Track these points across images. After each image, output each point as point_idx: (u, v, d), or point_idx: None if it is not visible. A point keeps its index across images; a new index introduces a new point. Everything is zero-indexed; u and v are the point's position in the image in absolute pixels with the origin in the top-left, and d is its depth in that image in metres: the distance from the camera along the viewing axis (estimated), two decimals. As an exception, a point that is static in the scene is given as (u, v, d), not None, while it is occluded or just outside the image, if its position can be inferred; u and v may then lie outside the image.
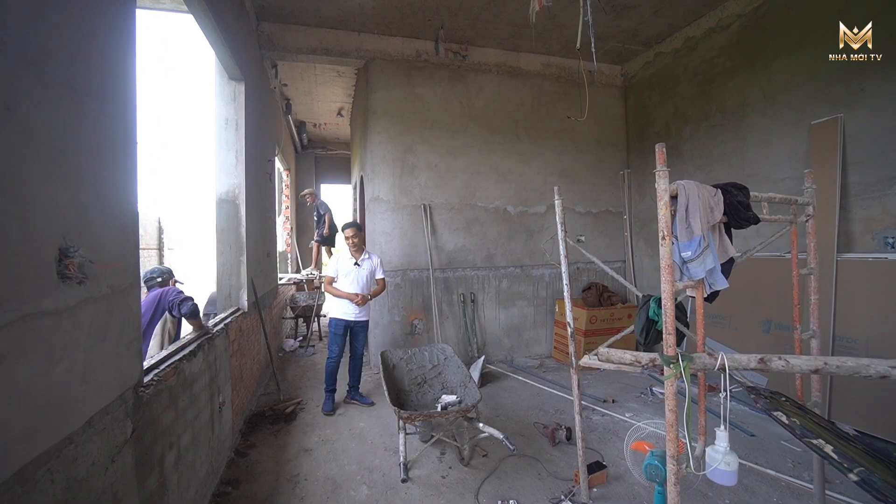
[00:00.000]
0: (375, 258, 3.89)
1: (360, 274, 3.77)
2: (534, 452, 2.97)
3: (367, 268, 3.80)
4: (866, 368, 1.25)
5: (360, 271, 3.76)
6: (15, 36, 1.00)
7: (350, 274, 3.75)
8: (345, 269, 3.77)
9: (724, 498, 2.42)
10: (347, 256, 3.80)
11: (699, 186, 1.62)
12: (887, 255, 3.09)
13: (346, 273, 3.76)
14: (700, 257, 1.55)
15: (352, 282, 3.74)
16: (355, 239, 3.77)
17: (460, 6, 4.38)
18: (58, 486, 1.10)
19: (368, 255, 3.85)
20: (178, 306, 2.53)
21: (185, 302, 2.52)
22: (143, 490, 1.59)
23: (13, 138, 0.99)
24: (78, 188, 1.23)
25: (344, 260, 3.81)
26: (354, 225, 3.83)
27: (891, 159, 3.12)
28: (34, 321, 1.04)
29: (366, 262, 3.81)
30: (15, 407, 0.97)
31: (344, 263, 3.79)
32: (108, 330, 1.38)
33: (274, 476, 2.73)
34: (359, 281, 3.75)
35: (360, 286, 3.75)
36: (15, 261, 0.98)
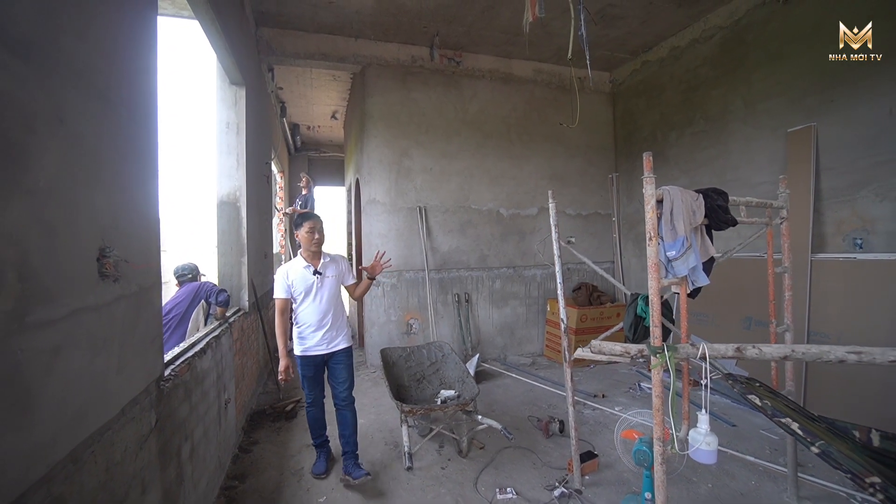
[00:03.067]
0: (341, 260, 2.80)
1: (326, 287, 2.64)
2: (529, 444, 3.10)
3: (332, 275, 2.68)
4: (827, 354, 1.41)
5: (324, 283, 2.64)
6: (67, 55, 1.10)
7: (310, 291, 2.61)
8: (302, 286, 2.59)
9: (707, 482, 2.59)
10: (301, 265, 2.63)
11: (682, 191, 1.78)
12: (856, 255, 3.30)
13: (303, 290, 2.60)
14: (683, 256, 1.70)
15: (316, 299, 2.62)
16: (317, 235, 2.62)
17: (455, 14, 4.52)
18: (100, 468, 1.20)
19: (330, 258, 2.73)
20: (217, 295, 3.03)
21: (222, 293, 3.06)
22: (165, 478, 1.68)
23: (65, 148, 1.08)
24: (112, 192, 1.33)
25: (296, 271, 2.61)
26: (315, 216, 2.70)
27: (859, 166, 3.34)
28: (81, 316, 1.13)
29: (329, 269, 2.68)
30: (69, 393, 1.07)
31: (298, 276, 2.60)
32: (137, 326, 1.47)
33: (279, 470, 2.81)
34: (325, 297, 2.64)
35: (327, 303, 2.64)
36: (65, 260, 1.08)
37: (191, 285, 3.27)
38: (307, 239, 2.61)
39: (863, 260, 3.26)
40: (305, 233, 2.62)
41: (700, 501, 2.42)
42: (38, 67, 0.98)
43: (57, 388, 1.02)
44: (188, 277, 3.39)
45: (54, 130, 1.04)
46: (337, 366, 2.72)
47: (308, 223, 2.63)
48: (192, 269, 3.45)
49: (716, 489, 2.53)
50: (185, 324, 3.12)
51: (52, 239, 1.01)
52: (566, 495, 2.45)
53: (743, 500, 2.42)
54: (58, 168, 1.04)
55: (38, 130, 0.98)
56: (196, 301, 3.18)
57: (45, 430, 0.97)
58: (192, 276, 3.42)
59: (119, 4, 1.40)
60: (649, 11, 4.51)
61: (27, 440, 0.91)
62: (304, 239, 2.63)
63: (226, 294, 3.06)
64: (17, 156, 0.90)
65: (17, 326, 0.88)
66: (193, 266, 3.49)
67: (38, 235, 0.96)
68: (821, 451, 1.37)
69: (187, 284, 3.29)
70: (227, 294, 3.08)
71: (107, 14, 1.31)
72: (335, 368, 2.72)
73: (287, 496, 2.53)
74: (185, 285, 3.29)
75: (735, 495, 2.47)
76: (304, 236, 2.63)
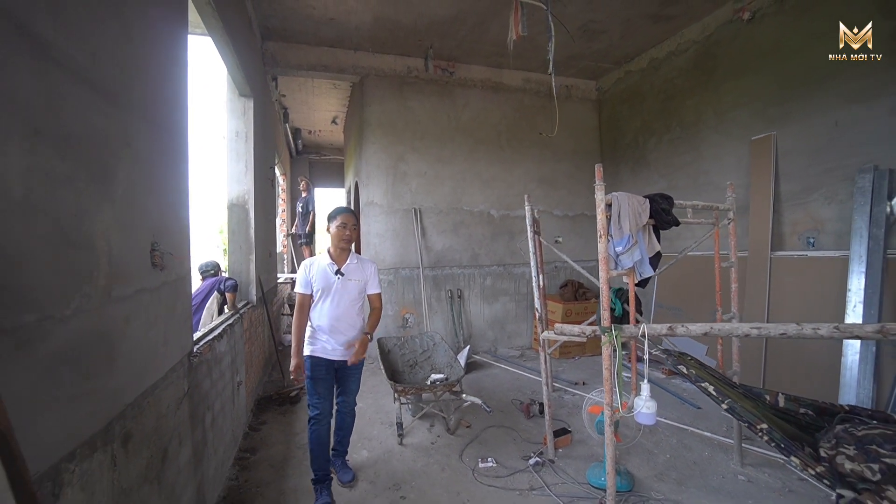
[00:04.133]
0: (369, 265, 2.60)
1: (346, 291, 2.47)
2: (511, 424, 3.43)
3: (356, 279, 2.50)
4: (735, 330, 1.74)
5: (345, 286, 2.46)
6: (134, 94, 1.43)
7: (328, 290, 2.45)
8: (322, 282, 2.44)
9: (666, 454, 2.92)
10: (325, 262, 2.48)
11: (629, 196, 2.11)
12: (807, 253, 3.64)
13: (321, 288, 2.44)
14: (629, 251, 2.03)
15: (332, 301, 2.46)
16: (348, 232, 2.47)
17: (448, 30, 4.85)
18: (152, 416, 1.52)
19: (358, 261, 2.56)
20: (224, 283, 3.59)
21: (230, 280, 3.60)
22: (194, 438, 2.00)
23: (130, 165, 1.41)
24: (159, 198, 1.65)
25: (319, 266, 2.47)
26: (349, 210, 2.54)
27: (811, 172, 3.68)
28: (141, 295, 1.46)
29: (354, 272, 2.50)
30: (134, 354, 1.39)
31: (319, 272, 2.46)
32: (175, 308, 1.80)
33: (285, 445, 3.14)
34: (342, 301, 2.46)
35: (344, 308, 2.47)
36: (132, 251, 1.40)
37: (212, 279, 3.76)
38: (337, 234, 2.46)
39: (813, 257, 3.60)
40: (336, 227, 2.46)
41: (658, 469, 2.75)
42: (117, 106, 1.30)
43: (127, 349, 1.34)
44: (210, 273, 3.98)
45: (124, 152, 1.36)
46: (349, 377, 2.58)
47: (340, 217, 2.47)
48: (214, 265, 4.00)
49: (673, 459, 2.86)
50: (198, 313, 3.52)
51: (125, 235, 1.34)
52: (540, 464, 2.78)
53: (695, 468, 2.75)
54: (127, 181, 1.37)
55: (116, 153, 1.31)
56: (211, 293, 3.63)
57: (120, 378, 1.30)
58: (214, 271, 3.95)
59: (167, 50, 1.73)
60: (627, 27, 4.85)
61: (111, 383, 1.24)
62: (334, 234, 2.47)
63: (233, 280, 3.58)
64: (105, 173, 1.23)
65: (107, 298, 1.21)
66: (216, 263, 4.03)
67: (117, 232, 1.29)
68: (728, 407, 1.70)
69: (210, 279, 3.78)
70: (234, 281, 3.59)
71: (157, 59, 1.64)
72: (346, 379, 2.59)
73: (293, 465, 2.85)
74: (207, 279, 3.77)
75: (689, 464, 2.80)
76: (334, 231, 2.47)
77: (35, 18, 0.93)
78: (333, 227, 2.48)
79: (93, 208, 1.15)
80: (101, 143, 1.20)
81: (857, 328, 1.58)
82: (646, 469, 2.75)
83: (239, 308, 3.39)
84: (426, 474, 2.72)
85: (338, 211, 2.52)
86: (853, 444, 1.53)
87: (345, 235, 2.46)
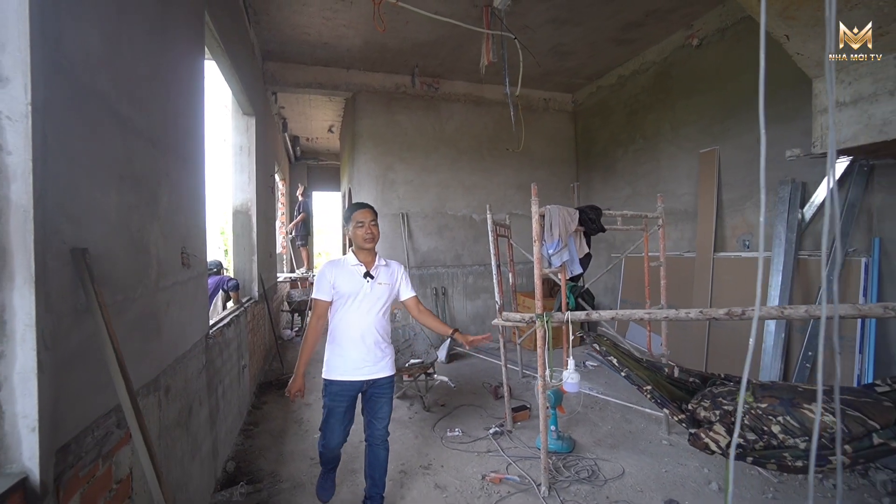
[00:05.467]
0: (397, 267, 2.32)
1: (375, 295, 2.16)
2: (481, 403, 3.93)
3: (385, 282, 2.20)
4: (633, 314, 2.24)
5: (374, 290, 2.16)
6: (171, 140, 1.93)
7: (356, 295, 2.13)
8: (348, 286, 2.13)
9: (608, 425, 3.42)
10: (352, 262, 2.19)
11: (561, 208, 2.61)
12: (741, 254, 4.15)
13: (350, 293, 2.13)
14: (558, 253, 2.54)
15: (361, 308, 2.14)
16: (368, 228, 2.15)
17: (430, 51, 5.36)
18: (182, 378, 2.03)
19: (386, 264, 2.27)
20: (227, 283, 4.17)
21: (232, 280, 4.19)
22: (210, 402, 2.51)
23: (169, 191, 1.91)
24: (187, 214, 2.16)
25: (344, 268, 2.17)
26: (364, 206, 2.22)
27: (746, 182, 4.18)
28: (176, 286, 1.96)
29: (382, 275, 2.21)
30: (172, 329, 1.90)
31: (344, 274, 2.15)
32: (197, 297, 2.30)
33: (284, 420, 3.64)
34: (373, 307, 2.16)
35: (374, 316, 2.16)
36: (170, 254, 1.91)
37: (216, 277, 4.21)
38: (358, 235, 2.14)
39: (746, 257, 4.11)
40: (355, 228, 2.14)
41: (599, 436, 3.25)
42: (159, 149, 1.81)
43: (168, 325, 1.85)
44: (214, 271, 4.33)
45: (164, 182, 1.87)
46: (379, 398, 2.18)
47: (357, 214, 2.14)
48: (217, 264, 4.42)
49: (613, 429, 3.36)
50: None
51: (166, 242, 1.84)
52: (499, 433, 3.28)
53: (630, 436, 3.26)
54: (167, 203, 1.88)
55: (160, 183, 1.81)
56: (217, 290, 4.09)
57: (164, 345, 1.80)
58: (217, 270, 4.37)
59: (191, 103, 2.23)
60: (593, 49, 5.36)
61: (159, 347, 1.74)
62: (355, 236, 2.16)
63: (235, 281, 4.06)
64: (154, 199, 1.73)
65: (156, 288, 1.72)
66: (218, 262, 4.47)
67: (161, 241, 1.79)
68: (625, 374, 2.20)
69: (214, 276, 4.22)
70: (236, 281, 4.07)
71: (185, 109, 2.15)
72: (376, 401, 2.18)
73: (290, 435, 3.35)
74: (211, 277, 4.19)
75: (625, 433, 3.30)
76: (354, 232, 2.15)
77: (121, 104, 1.44)
78: (353, 228, 2.16)
79: (148, 225, 1.66)
80: (151, 178, 1.71)
81: (713, 311, 2.08)
82: (588, 437, 3.25)
83: (243, 302, 3.89)
84: (401, 441, 3.23)
85: (352, 209, 2.19)
86: (710, 399, 2.04)
87: (366, 233, 2.14)
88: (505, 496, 2.49)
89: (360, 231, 2.15)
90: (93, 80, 1.27)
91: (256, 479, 2.67)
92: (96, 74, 1.29)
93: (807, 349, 3.32)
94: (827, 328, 0.84)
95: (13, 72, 0.95)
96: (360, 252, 2.22)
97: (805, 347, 3.34)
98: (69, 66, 1.14)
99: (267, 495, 2.50)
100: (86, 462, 1.18)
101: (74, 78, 1.17)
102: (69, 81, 1.14)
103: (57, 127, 1.07)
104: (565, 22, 4.72)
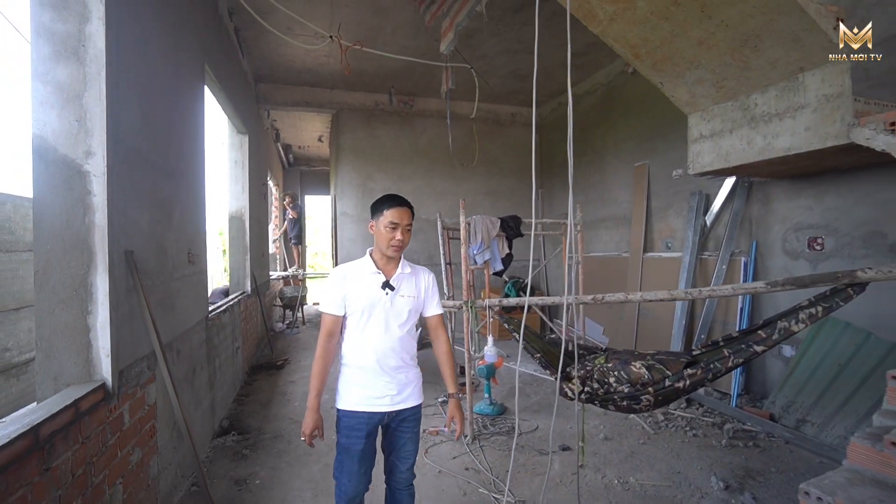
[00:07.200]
0: (425, 275, 1.87)
1: (395, 310, 1.73)
2: (438, 381, 4.64)
3: (408, 294, 1.77)
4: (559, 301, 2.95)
5: (394, 304, 1.73)
6: (181, 172, 2.64)
7: (372, 309, 1.70)
8: (363, 299, 1.70)
9: (538, 395, 4.14)
10: (369, 269, 1.74)
11: (484, 217, 3.32)
12: (662, 254, 4.87)
13: (365, 307, 1.70)
14: (481, 253, 3.24)
15: (380, 326, 1.71)
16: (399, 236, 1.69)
17: (404, 74, 6.06)
18: (188, 346, 2.73)
19: (412, 271, 1.83)
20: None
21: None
22: (210, 369, 3.21)
23: (180, 208, 2.61)
24: (193, 223, 2.86)
25: (358, 276, 1.74)
26: (403, 203, 1.75)
27: (668, 192, 4.90)
28: (184, 278, 2.66)
29: (405, 285, 1.77)
30: (181, 308, 2.60)
31: (359, 284, 1.72)
32: (199, 287, 3.01)
33: (270, 393, 4.34)
34: (392, 324, 1.72)
35: (395, 335, 1.72)
36: (180, 254, 2.61)
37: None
38: (384, 237, 1.70)
39: (668, 257, 4.83)
40: (384, 226, 1.69)
41: (527, 404, 3.96)
42: (173, 180, 2.51)
43: (179, 305, 2.55)
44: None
45: (176, 202, 2.57)
46: (403, 433, 1.78)
47: (392, 213, 1.69)
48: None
49: (541, 399, 4.08)
50: None
51: (177, 246, 2.55)
52: (444, 401, 4.00)
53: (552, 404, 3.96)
54: (178, 218, 2.58)
55: (173, 203, 2.51)
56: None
57: (176, 319, 2.50)
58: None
59: (195, 142, 2.93)
60: (547, 73, 6.08)
61: (173, 320, 2.45)
62: (380, 235, 1.71)
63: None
64: (170, 216, 2.44)
65: (171, 278, 2.42)
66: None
67: (174, 245, 2.50)
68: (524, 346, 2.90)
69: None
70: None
71: (190, 146, 2.85)
72: (400, 436, 1.79)
73: (275, 404, 4.06)
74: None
75: (550, 402, 4.01)
76: (380, 232, 1.71)
77: (151, 153, 2.15)
78: (382, 226, 1.70)
79: (166, 234, 2.36)
80: (168, 201, 2.41)
81: (610, 296, 2.77)
82: (521, 405, 3.97)
83: (237, 294, 4.59)
84: (366, 407, 3.93)
85: (386, 203, 1.73)
86: (580, 363, 2.75)
87: (394, 240, 1.69)
88: (438, 442, 3.20)
89: (389, 234, 1.68)
90: (136, 142, 1.97)
91: (245, 431, 3.38)
92: (137, 137, 1.99)
93: (700, 331, 4.05)
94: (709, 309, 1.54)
95: (98, 148, 1.65)
96: (381, 258, 1.76)
97: (699, 330, 4.07)
98: (123, 138, 1.85)
99: (253, 442, 3.21)
100: (131, 385, 1.89)
101: (126, 144, 1.87)
102: (123, 147, 1.85)
103: (117, 177, 1.77)
104: (518, 51, 5.43)
